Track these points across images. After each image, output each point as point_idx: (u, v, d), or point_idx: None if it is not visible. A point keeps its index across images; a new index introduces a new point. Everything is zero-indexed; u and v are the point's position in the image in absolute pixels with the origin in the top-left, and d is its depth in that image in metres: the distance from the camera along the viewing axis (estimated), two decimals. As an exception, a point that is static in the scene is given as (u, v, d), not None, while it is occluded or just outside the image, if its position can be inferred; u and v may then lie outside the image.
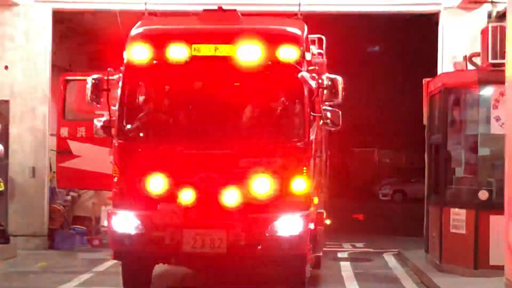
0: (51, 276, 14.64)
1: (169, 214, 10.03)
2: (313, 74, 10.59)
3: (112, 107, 10.61)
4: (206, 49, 10.11)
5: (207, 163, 10.20)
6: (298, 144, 10.41)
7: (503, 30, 13.97)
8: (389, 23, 25.30)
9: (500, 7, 16.03)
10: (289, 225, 10.20)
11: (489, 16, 17.36)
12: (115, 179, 10.45)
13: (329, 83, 10.46)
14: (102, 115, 11.19)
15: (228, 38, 10.30)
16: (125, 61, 10.49)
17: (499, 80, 12.80)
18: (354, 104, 20.03)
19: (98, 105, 11.06)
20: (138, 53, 10.30)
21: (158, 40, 10.41)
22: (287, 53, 10.36)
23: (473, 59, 16.05)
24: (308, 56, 10.66)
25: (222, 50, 10.15)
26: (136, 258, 10.76)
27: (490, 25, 16.21)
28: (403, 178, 47.26)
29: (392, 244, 16.89)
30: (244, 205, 10.18)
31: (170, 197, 10.20)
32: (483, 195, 14.05)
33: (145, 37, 10.55)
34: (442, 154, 15.24)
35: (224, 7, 11.21)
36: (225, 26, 10.62)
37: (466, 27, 17.94)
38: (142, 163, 10.33)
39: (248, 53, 10.22)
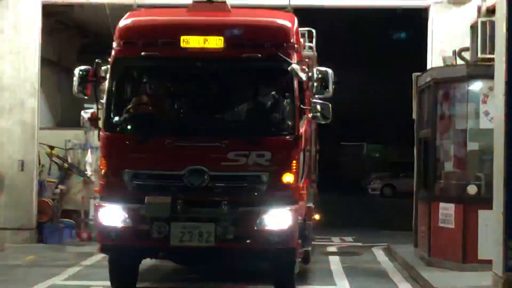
0: (39, 270, 14.64)
1: (156, 207, 9.72)
2: (303, 67, 10.33)
3: (100, 100, 10.35)
4: (195, 41, 9.86)
5: (195, 155, 9.86)
6: (288, 137, 10.17)
7: (492, 25, 14.01)
8: (379, 17, 25.36)
9: (489, 2, 16.04)
10: (278, 219, 9.91)
11: (479, 10, 17.38)
12: (102, 172, 10.24)
13: (320, 76, 10.29)
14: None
15: (218, 30, 10.10)
16: (113, 52, 10.23)
17: (488, 75, 12.90)
18: (343, 98, 19.77)
19: (86, 97, 10.63)
20: (126, 45, 10.08)
21: (147, 32, 10.25)
22: (277, 45, 10.16)
23: (463, 53, 16.11)
24: (298, 49, 10.46)
25: (212, 42, 9.87)
26: (122, 252, 10.46)
27: (479, 19, 16.25)
28: (392, 173, 47.45)
29: (381, 238, 16.95)
30: (233, 198, 9.88)
31: (157, 189, 9.88)
32: (471, 189, 14.10)
33: (133, 28, 10.38)
34: (431, 149, 15.30)
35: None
36: (214, 18, 10.39)
37: (456, 21, 17.97)
38: (129, 156, 10.08)
39: (238, 45, 10.04)
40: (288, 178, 10.03)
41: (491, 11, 15.19)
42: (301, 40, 12.40)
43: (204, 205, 9.88)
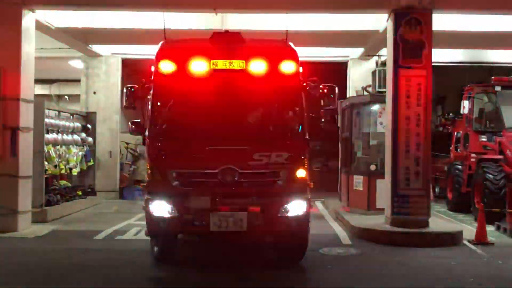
0: (120, 215, 14.69)
1: (199, 201, 8.21)
2: (313, 83, 9.14)
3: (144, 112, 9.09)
4: (222, 64, 8.49)
5: (226, 157, 8.27)
6: (300, 140, 8.69)
7: (384, 72, 14.37)
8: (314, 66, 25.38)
9: (383, 58, 16.30)
10: (296, 207, 8.44)
11: (377, 63, 17.69)
12: (149, 172, 8.55)
13: (325, 91, 9.05)
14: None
15: (240, 54, 8.58)
16: (155, 73, 8.67)
17: (382, 101, 13.13)
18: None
19: (133, 109, 9.31)
20: (167, 67, 8.68)
21: (183, 57, 8.77)
22: (288, 66, 8.77)
23: (367, 88, 16.42)
24: (300, 69, 9.07)
25: (235, 64, 8.50)
26: (168, 236, 8.98)
27: (377, 69, 16.72)
28: (326, 158, 47.42)
29: (321, 195, 16.96)
30: (258, 191, 8.32)
31: (196, 185, 8.31)
32: (372, 167, 14.34)
33: (171, 54, 8.89)
34: (349, 144, 15.44)
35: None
36: (235, 46, 8.80)
37: (363, 70, 18.23)
38: (172, 158, 8.39)
39: (256, 67, 8.60)
40: (301, 173, 8.58)
41: (384, 63, 15.44)
42: None
43: (236, 198, 8.32)
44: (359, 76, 18.28)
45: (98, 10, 13.32)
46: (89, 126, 17.39)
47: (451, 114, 18.88)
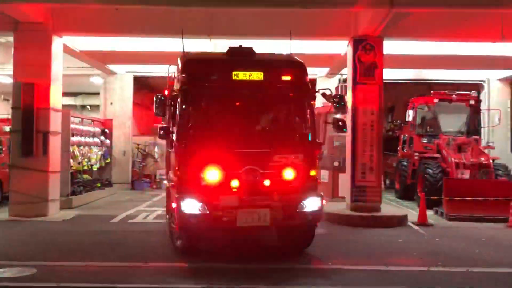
0: (132, 203, 14.55)
1: (229, 200, 7.38)
2: (326, 92, 8.50)
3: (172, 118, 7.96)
4: (243, 75, 7.67)
5: (249, 159, 7.50)
6: (312, 144, 7.93)
7: (345, 87, 14.40)
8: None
9: (344, 76, 16.36)
10: (313, 203, 7.72)
11: (339, 80, 17.75)
12: (179, 173, 7.60)
13: (336, 99, 8.27)
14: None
15: (258, 67, 7.80)
16: (182, 83, 7.70)
17: (344, 111, 13.09)
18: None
19: (164, 117, 8.42)
20: (194, 77, 7.66)
21: (208, 68, 7.90)
22: (300, 77, 7.99)
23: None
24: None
25: (255, 75, 7.70)
26: (198, 231, 7.93)
27: (339, 84, 16.72)
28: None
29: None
30: (277, 189, 7.56)
31: (225, 185, 7.46)
32: (336, 164, 14.41)
33: (196, 65, 7.98)
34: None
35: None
36: (254, 59, 8.05)
37: (329, 85, 18.19)
38: (201, 160, 7.48)
39: (273, 78, 7.82)
40: (314, 172, 7.91)
41: (345, 80, 15.52)
42: None
43: (260, 195, 7.52)
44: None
45: (114, 36, 13.30)
46: (106, 130, 17.31)
47: (398, 121, 19.01)
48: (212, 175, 7.44)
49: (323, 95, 8.45)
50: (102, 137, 16.92)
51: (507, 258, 8.46)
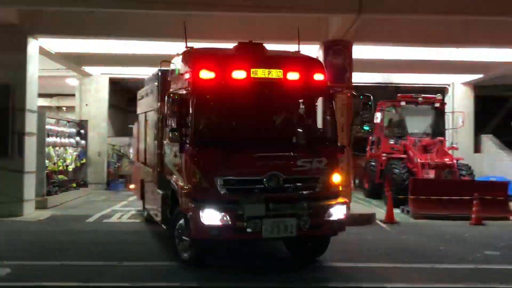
0: (107, 202, 14.49)
1: (255, 208, 6.52)
2: (354, 94, 7.78)
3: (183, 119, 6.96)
4: (261, 73, 6.87)
5: (272, 163, 6.72)
6: (337, 147, 7.27)
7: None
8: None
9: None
10: (339, 211, 7.07)
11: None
12: (194, 179, 6.67)
13: (363, 99, 7.41)
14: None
15: (278, 64, 7.04)
16: (194, 82, 6.82)
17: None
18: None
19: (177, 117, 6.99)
20: (207, 75, 6.79)
21: (222, 65, 6.94)
22: (319, 76, 7.30)
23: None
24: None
25: (274, 73, 6.92)
26: (218, 244, 7.24)
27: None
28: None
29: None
30: (305, 197, 6.84)
31: (243, 192, 6.66)
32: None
33: (209, 62, 6.98)
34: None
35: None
36: (273, 55, 7.38)
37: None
38: (218, 165, 6.63)
39: (292, 76, 7.04)
40: (338, 177, 7.23)
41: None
42: None
43: (285, 203, 6.72)
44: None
45: (89, 38, 13.22)
46: (82, 131, 17.17)
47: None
48: (234, 182, 6.65)
49: (351, 95, 7.63)
50: (78, 138, 16.78)
51: (469, 254, 8.67)
